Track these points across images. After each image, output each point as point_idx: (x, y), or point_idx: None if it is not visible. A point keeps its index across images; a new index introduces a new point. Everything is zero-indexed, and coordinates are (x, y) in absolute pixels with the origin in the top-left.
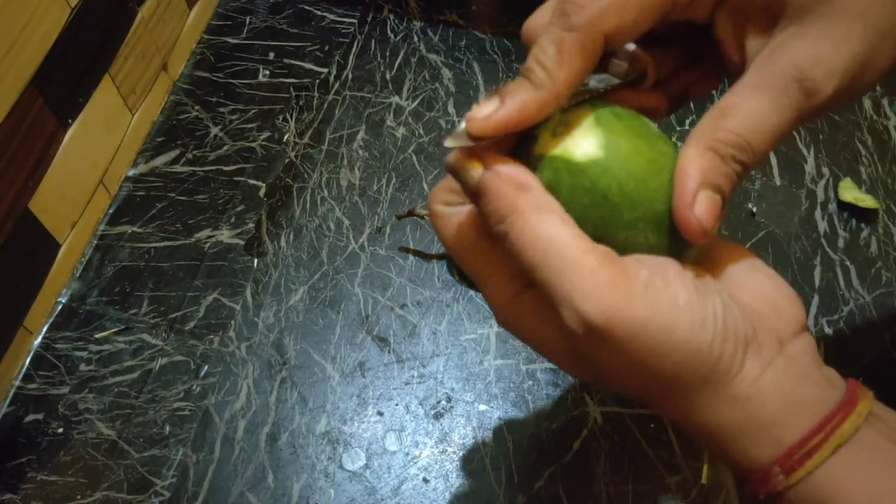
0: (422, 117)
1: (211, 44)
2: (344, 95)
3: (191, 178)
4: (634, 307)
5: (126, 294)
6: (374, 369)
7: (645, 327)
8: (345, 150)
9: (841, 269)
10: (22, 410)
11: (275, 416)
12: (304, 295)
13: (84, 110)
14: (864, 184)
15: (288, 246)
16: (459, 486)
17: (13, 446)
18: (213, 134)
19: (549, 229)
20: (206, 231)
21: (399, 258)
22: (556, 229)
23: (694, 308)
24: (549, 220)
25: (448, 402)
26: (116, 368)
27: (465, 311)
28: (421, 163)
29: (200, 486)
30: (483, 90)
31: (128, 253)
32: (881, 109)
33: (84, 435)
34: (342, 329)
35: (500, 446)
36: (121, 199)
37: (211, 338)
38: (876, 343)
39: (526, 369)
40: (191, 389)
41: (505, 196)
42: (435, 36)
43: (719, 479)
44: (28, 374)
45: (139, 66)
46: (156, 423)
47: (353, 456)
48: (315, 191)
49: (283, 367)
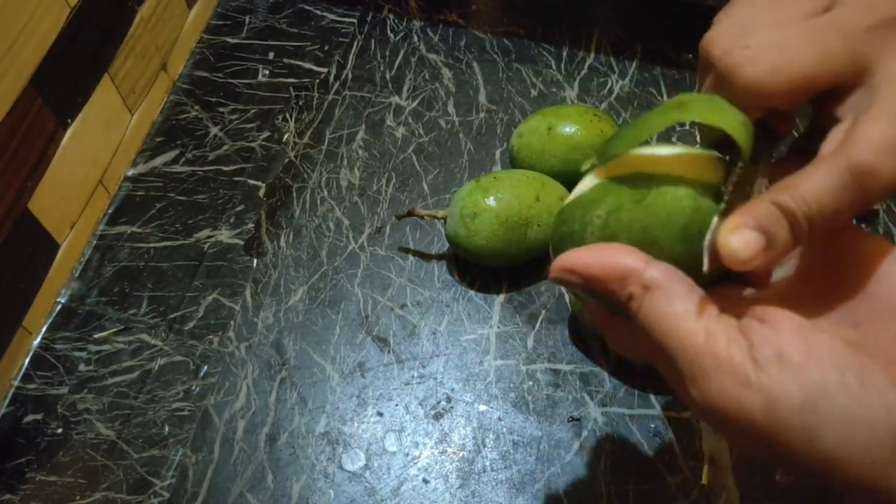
0: (422, 117)
1: (210, 44)
2: (344, 95)
3: (190, 178)
4: (756, 396)
5: (125, 294)
6: (373, 370)
7: (779, 411)
8: (345, 150)
9: None
10: (21, 411)
11: (274, 416)
12: (304, 295)
13: (83, 110)
14: None
15: (287, 246)
16: (459, 487)
17: (12, 446)
18: (212, 134)
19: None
20: (206, 231)
21: (399, 258)
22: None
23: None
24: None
25: (448, 403)
26: (116, 369)
27: (465, 311)
28: (421, 163)
29: (200, 486)
30: (483, 90)
31: (127, 253)
32: None
33: (83, 435)
34: (342, 329)
35: (500, 447)
36: (120, 199)
37: (210, 338)
38: None
39: (526, 370)
40: (190, 390)
41: None
42: (435, 36)
43: (720, 479)
44: (27, 374)
45: (139, 65)
46: (155, 424)
47: (352, 456)
48: (315, 191)
49: (282, 368)
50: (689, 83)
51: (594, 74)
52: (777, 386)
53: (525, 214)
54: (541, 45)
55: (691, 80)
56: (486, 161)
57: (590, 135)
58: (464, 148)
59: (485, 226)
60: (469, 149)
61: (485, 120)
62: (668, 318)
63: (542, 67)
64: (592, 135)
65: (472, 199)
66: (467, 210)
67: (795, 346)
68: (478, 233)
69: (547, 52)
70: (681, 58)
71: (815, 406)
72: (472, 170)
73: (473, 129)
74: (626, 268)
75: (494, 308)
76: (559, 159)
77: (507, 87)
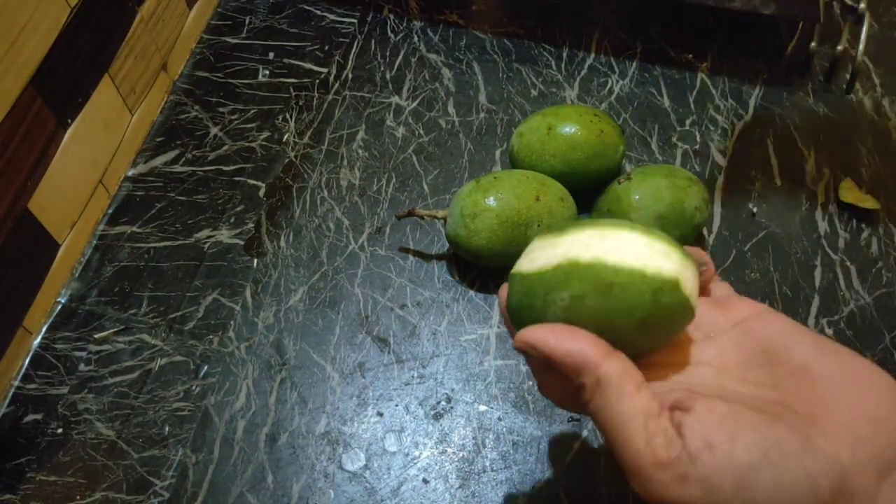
0: (422, 117)
1: (211, 44)
2: (344, 95)
3: (190, 178)
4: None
5: (125, 294)
6: (373, 370)
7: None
8: (345, 150)
9: (841, 269)
10: (21, 411)
11: (274, 416)
12: (304, 295)
13: (83, 110)
14: (864, 184)
15: (287, 246)
16: (459, 487)
17: (12, 446)
18: (212, 134)
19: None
20: (206, 231)
21: (399, 258)
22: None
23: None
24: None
25: (448, 403)
26: (116, 368)
27: (465, 311)
28: (421, 163)
29: (200, 486)
30: (483, 90)
31: (127, 253)
32: (881, 109)
33: (83, 435)
34: (342, 329)
35: (499, 447)
36: (120, 199)
37: (210, 338)
38: (876, 343)
39: (526, 370)
40: (190, 390)
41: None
42: (435, 36)
43: None
44: (27, 374)
45: (139, 65)
46: (155, 424)
47: (352, 456)
48: (315, 191)
49: (282, 368)
50: (688, 83)
51: (594, 74)
52: (712, 473)
53: (525, 214)
54: (541, 45)
55: (691, 80)
56: (486, 161)
57: (590, 135)
58: (464, 148)
59: (485, 226)
60: (469, 149)
61: (485, 120)
62: (614, 417)
63: (542, 67)
64: (592, 135)
65: (472, 200)
66: (467, 210)
67: (721, 433)
68: (478, 233)
69: (547, 53)
70: (681, 58)
71: (746, 484)
72: (472, 170)
73: (473, 129)
74: (584, 359)
75: (494, 308)
76: (559, 159)
77: (507, 87)
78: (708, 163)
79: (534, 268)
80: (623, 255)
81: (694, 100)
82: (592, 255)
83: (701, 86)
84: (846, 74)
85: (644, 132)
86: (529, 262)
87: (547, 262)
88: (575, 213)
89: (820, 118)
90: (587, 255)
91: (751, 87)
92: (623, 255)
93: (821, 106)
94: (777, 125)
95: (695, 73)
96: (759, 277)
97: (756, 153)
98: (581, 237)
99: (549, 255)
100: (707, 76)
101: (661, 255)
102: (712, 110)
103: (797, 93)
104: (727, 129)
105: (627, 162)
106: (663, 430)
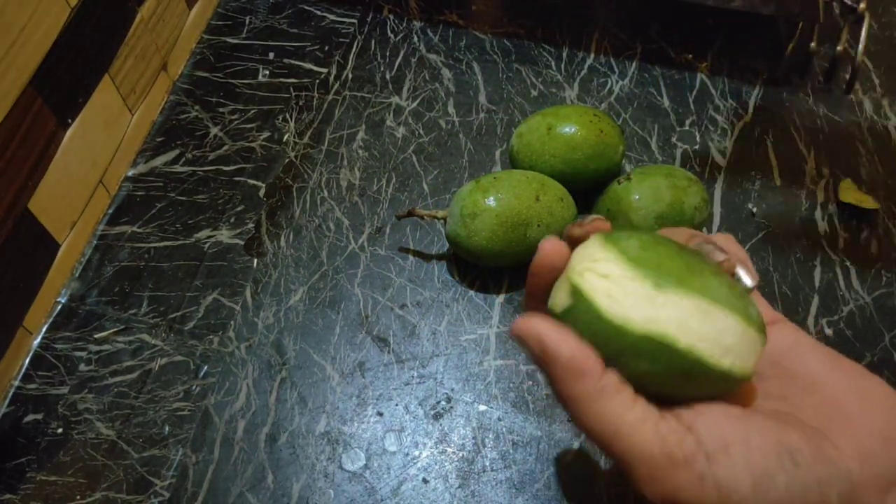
0: (422, 117)
1: (211, 44)
2: (344, 95)
3: (190, 178)
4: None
5: (125, 294)
6: (373, 370)
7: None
8: (345, 150)
9: (841, 269)
10: (21, 410)
11: (274, 416)
12: (304, 295)
13: (83, 110)
14: (864, 184)
15: (287, 246)
16: (459, 487)
17: (12, 446)
18: (212, 134)
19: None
20: (206, 231)
21: (399, 258)
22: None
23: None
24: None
25: (448, 403)
26: (116, 368)
27: (464, 311)
28: (421, 163)
29: (200, 486)
30: (483, 90)
31: (127, 253)
32: (881, 109)
33: (83, 435)
34: (342, 329)
35: (499, 447)
36: (120, 199)
37: (210, 338)
38: (876, 343)
39: (526, 370)
40: (190, 390)
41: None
42: (435, 36)
43: None
44: (27, 374)
45: (139, 65)
46: (155, 424)
47: (352, 456)
48: (315, 191)
49: (282, 368)
50: (688, 83)
51: (594, 75)
52: (728, 475)
53: (525, 214)
54: (541, 45)
55: (691, 80)
56: (486, 161)
57: (589, 135)
58: (464, 148)
59: (485, 226)
60: (469, 149)
61: (485, 120)
62: (622, 426)
63: (542, 68)
64: (592, 135)
65: (472, 200)
66: (467, 210)
67: (736, 434)
68: (478, 233)
69: (547, 53)
70: (681, 58)
71: (762, 487)
72: (472, 170)
73: (473, 129)
74: (588, 367)
75: (494, 308)
76: (559, 159)
77: (507, 87)
78: (708, 163)
79: (617, 315)
80: (720, 349)
81: (694, 100)
82: (688, 344)
83: (701, 86)
84: (846, 74)
85: (644, 132)
86: (610, 301)
87: (636, 318)
88: (575, 213)
89: (820, 118)
90: (684, 340)
91: (751, 87)
92: (720, 349)
93: (820, 106)
94: (777, 125)
95: (694, 73)
96: (759, 277)
97: (756, 153)
98: (683, 307)
99: (639, 309)
100: (707, 76)
101: (750, 348)
102: (712, 110)
103: (797, 93)
104: (727, 129)
105: (627, 162)
106: (674, 430)
